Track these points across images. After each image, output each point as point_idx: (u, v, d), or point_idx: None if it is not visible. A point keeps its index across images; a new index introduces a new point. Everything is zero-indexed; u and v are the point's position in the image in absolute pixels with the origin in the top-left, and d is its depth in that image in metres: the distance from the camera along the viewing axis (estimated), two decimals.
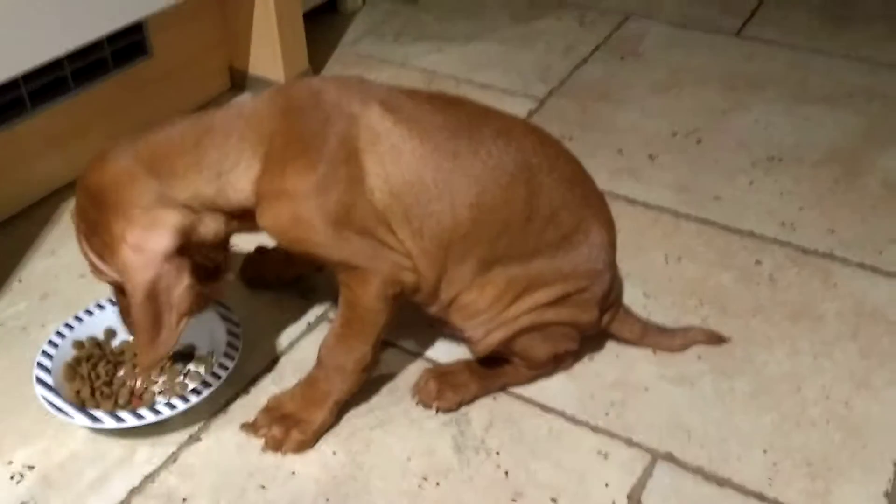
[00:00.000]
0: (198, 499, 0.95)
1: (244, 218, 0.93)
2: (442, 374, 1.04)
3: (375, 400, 1.06)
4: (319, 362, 0.99)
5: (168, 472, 0.98)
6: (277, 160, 0.89)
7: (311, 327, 1.17)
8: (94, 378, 1.03)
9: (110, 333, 1.10)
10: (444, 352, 1.12)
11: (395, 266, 0.93)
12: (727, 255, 1.28)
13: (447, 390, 1.03)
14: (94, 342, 1.08)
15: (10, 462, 0.99)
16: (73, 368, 1.04)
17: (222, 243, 0.95)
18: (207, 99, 1.64)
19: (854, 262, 1.26)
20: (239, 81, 1.67)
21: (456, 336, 1.07)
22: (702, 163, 1.48)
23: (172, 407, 0.98)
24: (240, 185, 0.90)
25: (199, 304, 0.90)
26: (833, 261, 1.26)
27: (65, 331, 1.07)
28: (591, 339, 1.09)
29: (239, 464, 0.98)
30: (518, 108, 1.63)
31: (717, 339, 1.11)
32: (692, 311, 1.18)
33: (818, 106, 1.63)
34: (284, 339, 1.15)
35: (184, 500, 0.95)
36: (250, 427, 1.01)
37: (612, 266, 1.03)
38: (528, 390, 1.07)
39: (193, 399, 0.99)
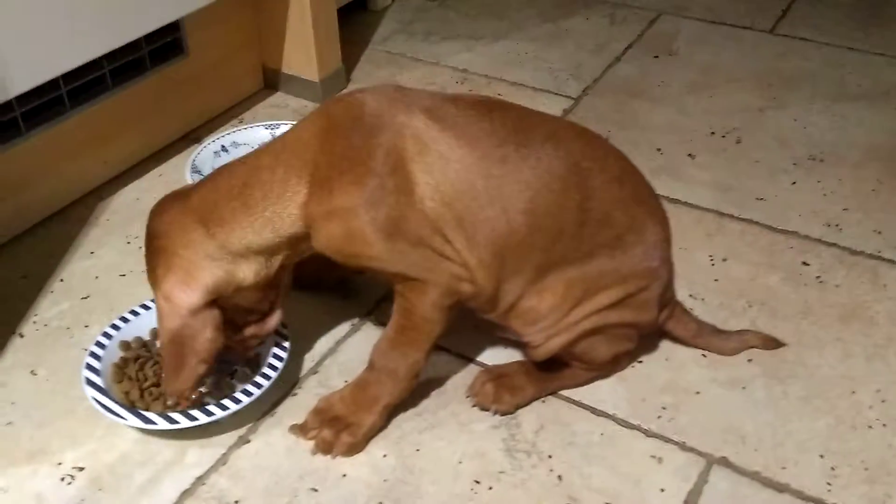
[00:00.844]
0: (249, 501, 0.94)
1: (299, 245, 0.94)
2: (498, 377, 1.03)
3: (423, 403, 1.05)
4: (371, 365, 0.98)
5: (218, 474, 0.97)
6: (324, 180, 0.89)
7: (354, 329, 1.16)
8: (142, 379, 1.02)
9: (156, 334, 1.09)
10: (491, 354, 1.11)
11: (452, 277, 0.92)
12: (773, 256, 1.26)
13: (504, 393, 1.02)
14: (141, 343, 1.07)
15: (60, 463, 0.98)
16: (120, 369, 1.03)
17: (272, 283, 0.97)
18: (241, 98, 1.63)
19: None
20: (272, 81, 1.67)
21: (509, 339, 1.06)
22: (742, 162, 1.46)
23: (224, 408, 0.97)
24: (287, 212, 0.91)
25: (221, 350, 0.95)
26: (881, 262, 1.25)
27: (111, 332, 1.07)
28: (640, 341, 1.08)
29: (289, 466, 0.98)
30: (552, 106, 1.61)
31: (772, 343, 1.10)
32: (740, 312, 1.16)
33: (856, 104, 1.61)
34: (328, 341, 1.14)
35: (236, 502, 0.94)
36: (300, 429, 1.01)
37: (669, 262, 1.02)
38: (578, 393, 1.06)
39: (245, 399, 0.98)
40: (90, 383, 0.99)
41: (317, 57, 1.60)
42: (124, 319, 1.09)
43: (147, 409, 0.98)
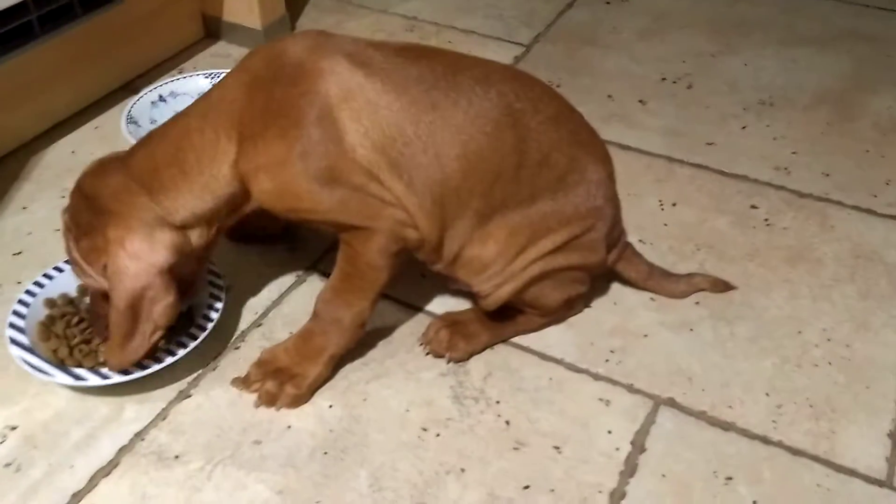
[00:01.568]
0: (190, 455, 0.92)
1: (239, 206, 0.92)
2: (453, 324, 1.02)
3: (370, 353, 1.03)
4: (315, 315, 0.96)
5: (158, 429, 0.94)
6: (251, 137, 0.87)
7: (299, 280, 1.13)
8: (70, 336, 0.98)
9: (83, 290, 1.05)
10: (439, 303, 1.09)
11: (396, 223, 0.89)
12: (722, 200, 1.26)
13: (459, 340, 1.00)
14: (67, 300, 1.03)
15: None
16: (46, 327, 0.99)
17: (206, 252, 0.96)
18: (181, 47, 1.57)
19: (849, 204, 1.24)
20: (213, 29, 1.61)
21: (461, 290, 1.04)
22: (693, 107, 1.45)
23: (159, 361, 0.94)
24: (221, 174, 0.89)
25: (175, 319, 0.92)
26: (829, 204, 1.25)
27: (35, 289, 1.02)
28: (590, 285, 1.07)
29: (232, 420, 0.95)
30: (503, 54, 1.58)
31: (722, 285, 1.09)
32: (689, 256, 1.16)
33: (806, 49, 1.61)
34: (272, 292, 1.11)
35: (176, 457, 0.92)
36: (242, 382, 0.98)
37: (614, 200, 1.00)
38: (526, 339, 1.05)
39: (180, 352, 0.95)
40: (15, 342, 0.96)
41: (259, 4, 1.55)
42: (48, 276, 1.04)
43: (79, 366, 0.95)
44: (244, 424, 0.95)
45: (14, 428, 0.94)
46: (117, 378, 0.93)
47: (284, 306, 1.09)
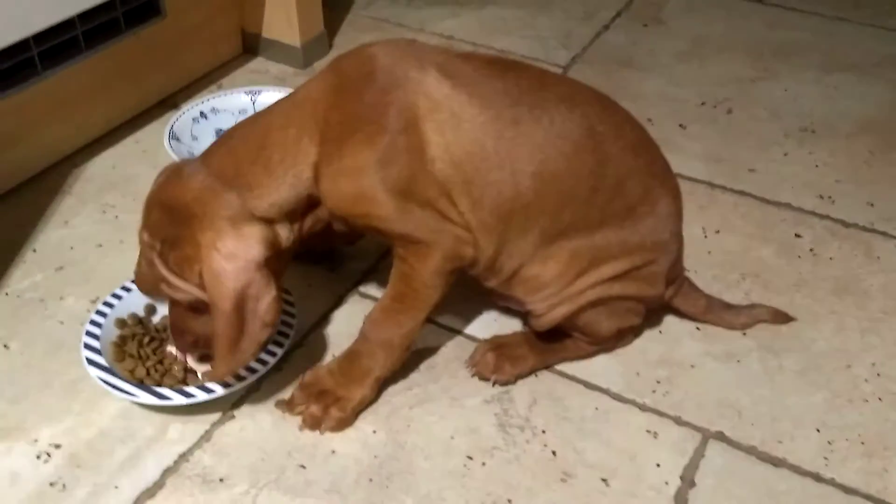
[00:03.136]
0: (235, 479, 0.91)
1: (315, 208, 0.91)
2: (499, 346, 1.01)
3: (413, 377, 1.02)
4: (363, 336, 0.95)
5: (202, 451, 0.94)
6: (334, 139, 0.86)
7: (341, 301, 1.13)
8: (144, 356, 0.98)
9: (150, 309, 1.05)
10: (481, 327, 1.09)
11: (456, 240, 0.89)
12: (766, 228, 1.24)
13: (505, 363, 1.00)
14: (136, 319, 1.03)
15: (36, 440, 0.95)
16: (119, 348, 0.98)
17: (293, 251, 0.93)
18: (220, 63, 1.58)
19: (895, 235, 1.23)
20: (252, 45, 1.61)
21: (502, 311, 1.03)
22: (734, 133, 1.44)
23: (241, 378, 0.94)
24: (304, 174, 0.87)
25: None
26: (874, 234, 1.23)
27: (105, 309, 1.02)
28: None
29: (276, 443, 0.95)
30: None
31: (783, 317, 1.08)
32: (734, 285, 1.15)
33: (847, 75, 1.59)
34: (314, 314, 1.11)
35: (221, 479, 0.91)
36: (287, 404, 0.97)
37: (679, 236, 0.99)
38: (571, 367, 1.04)
39: (261, 369, 0.96)
40: (92, 363, 0.95)
41: (298, 21, 1.55)
42: (117, 296, 1.04)
43: (159, 385, 0.95)
44: (288, 448, 0.94)
45: (58, 446, 0.94)
46: (203, 396, 0.93)
47: (326, 327, 1.09)
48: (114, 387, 0.93)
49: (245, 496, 0.89)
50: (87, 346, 0.97)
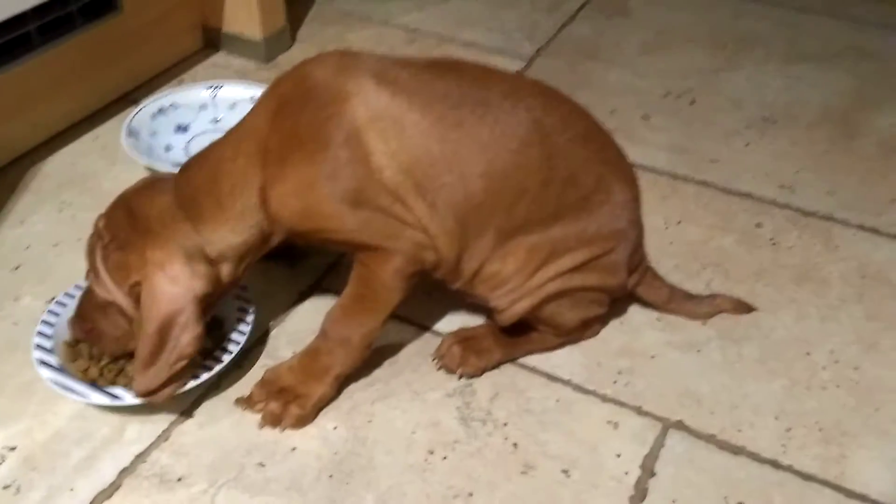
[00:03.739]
0: (193, 478, 0.90)
1: (269, 238, 0.92)
2: (466, 340, 1.01)
3: (375, 373, 1.02)
4: (323, 334, 0.94)
5: (160, 451, 0.93)
6: (277, 162, 0.87)
7: (302, 297, 1.12)
8: (97, 356, 0.96)
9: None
10: (446, 321, 1.08)
11: (415, 245, 0.89)
12: (727, 218, 1.25)
13: (471, 356, 0.99)
14: None
15: None
16: (72, 348, 0.97)
17: (230, 289, 0.95)
18: (180, 58, 1.56)
19: (854, 224, 1.24)
20: (213, 40, 1.59)
21: (466, 306, 1.03)
22: (696, 123, 1.45)
23: (195, 377, 0.93)
24: (251, 202, 0.88)
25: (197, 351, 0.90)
26: (834, 223, 1.24)
27: (58, 309, 1.00)
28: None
29: (235, 441, 0.94)
30: (506, 67, 1.56)
31: (744, 307, 1.09)
32: (695, 275, 1.15)
33: (809, 65, 1.60)
34: (275, 310, 1.10)
35: (179, 479, 0.90)
36: (246, 402, 0.97)
37: (637, 223, 0.99)
38: (533, 359, 1.04)
39: (217, 367, 0.95)
40: (45, 364, 0.93)
41: (260, 15, 1.54)
42: (69, 296, 1.02)
43: (113, 385, 0.93)
44: (248, 446, 0.93)
45: (13, 448, 0.93)
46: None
47: (288, 324, 1.08)
48: (66, 388, 0.91)
49: (203, 495, 0.89)
50: (38, 347, 0.95)
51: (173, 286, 0.86)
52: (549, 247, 0.93)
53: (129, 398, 0.91)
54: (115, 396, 0.92)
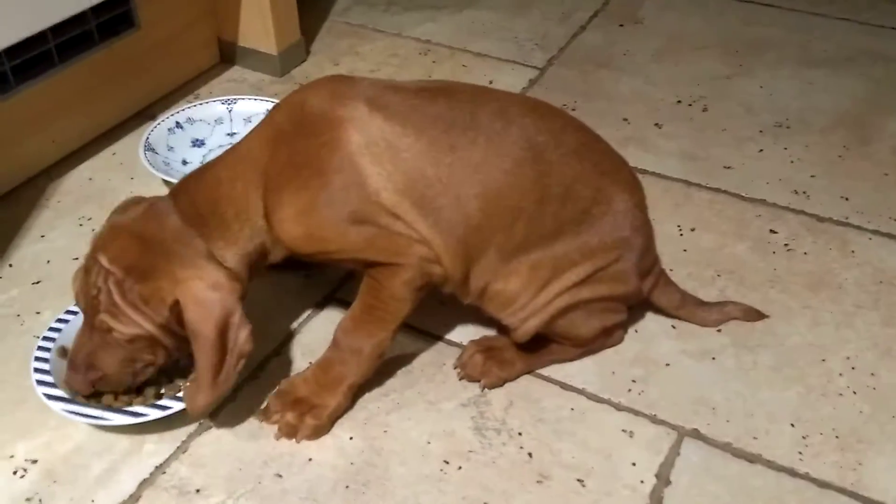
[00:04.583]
0: (212, 489, 0.91)
1: (273, 251, 0.94)
2: (488, 349, 1.01)
3: (390, 383, 1.03)
4: (335, 345, 0.95)
5: (179, 462, 0.94)
6: (275, 189, 0.88)
7: (318, 308, 1.13)
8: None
9: None
10: (460, 332, 1.09)
11: (422, 259, 0.90)
12: (741, 225, 1.25)
13: (493, 366, 1.00)
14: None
15: (12, 456, 0.94)
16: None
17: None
18: (196, 73, 1.58)
19: (869, 229, 1.24)
20: (229, 54, 1.61)
21: (482, 318, 1.04)
22: (709, 130, 1.45)
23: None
24: (258, 225, 0.90)
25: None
26: (849, 229, 1.24)
27: (53, 335, 1.00)
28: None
29: (252, 452, 0.95)
30: (518, 77, 1.58)
31: (754, 314, 1.08)
32: (709, 282, 1.15)
33: (821, 70, 1.60)
34: (290, 322, 1.11)
35: (197, 490, 0.91)
36: (263, 413, 0.98)
37: (643, 228, 0.99)
38: (547, 368, 1.04)
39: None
40: (54, 397, 0.93)
41: (274, 29, 1.55)
42: (63, 321, 1.01)
43: (130, 405, 0.94)
44: (265, 457, 0.94)
45: (34, 461, 0.94)
46: (178, 406, 0.93)
47: (303, 336, 1.09)
48: (84, 415, 0.92)
49: None
50: (41, 383, 0.94)
51: (217, 292, 0.86)
52: (552, 263, 0.93)
53: (154, 413, 0.92)
54: (138, 414, 0.92)
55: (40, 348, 0.98)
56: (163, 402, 0.94)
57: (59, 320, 1.02)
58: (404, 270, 0.90)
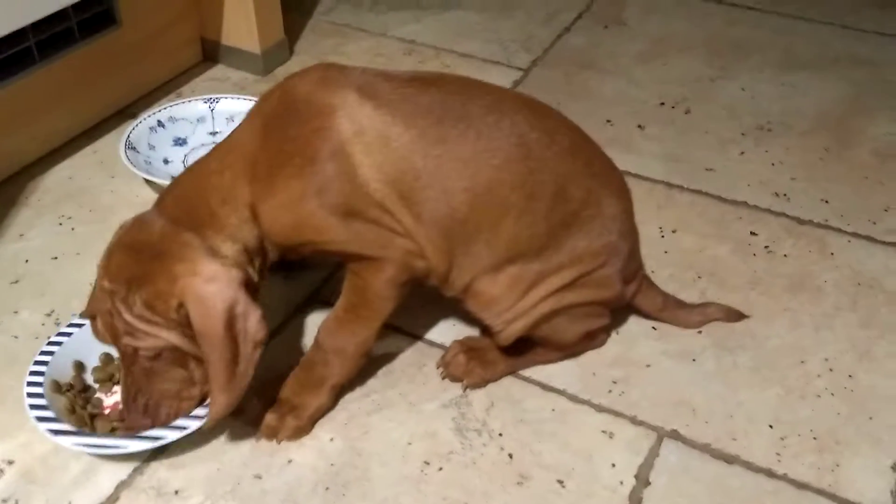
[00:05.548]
0: (190, 491, 0.91)
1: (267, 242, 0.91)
2: (471, 350, 1.01)
3: (371, 383, 1.02)
4: (317, 345, 0.95)
5: (157, 463, 0.93)
6: (265, 177, 0.87)
7: (299, 309, 1.12)
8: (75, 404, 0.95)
9: (80, 367, 1.00)
10: (442, 332, 1.09)
11: (406, 253, 0.89)
12: (722, 227, 1.26)
13: (476, 366, 1.00)
14: (69, 385, 0.97)
15: None
16: (72, 414, 0.94)
17: (259, 286, 0.92)
18: (179, 71, 1.57)
19: (849, 231, 1.25)
20: (212, 53, 1.61)
21: (465, 318, 1.04)
22: (692, 133, 1.46)
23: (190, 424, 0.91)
24: (244, 214, 0.88)
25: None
26: (828, 231, 1.25)
27: (38, 378, 0.95)
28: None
29: (232, 453, 0.94)
30: (502, 78, 1.58)
31: (735, 315, 1.09)
32: (690, 284, 1.16)
33: (804, 73, 1.61)
34: (272, 321, 1.09)
35: (176, 492, 0.91)
36: (242, 414, 0.97)
37: (630, 234, 0.99)
38: (528, 370, 1.04)
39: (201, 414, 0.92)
40: (58, 431, 0.89)
41: (258, 28, 1.55)
42: (49, 352, 0.98)
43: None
44: (244, 458, 0.94)
45: (11, 462, 0.93)
46: (175, 434, 0.90)
47: (284, 336, 1.09)
48: (98, 447, 0.89)
49: None
50: (41, 419, 0.91)
51: (214, 283, 0.84)
52: (539, 265, 0.93)
53: (172, 435, 0.89)
54: (156, 438, 0.89)
55: (31, 383, 0.94)
56: (179, 422, 0.91)
57: (44, 353, 0.98)
58: (388, 266, 0.89)
